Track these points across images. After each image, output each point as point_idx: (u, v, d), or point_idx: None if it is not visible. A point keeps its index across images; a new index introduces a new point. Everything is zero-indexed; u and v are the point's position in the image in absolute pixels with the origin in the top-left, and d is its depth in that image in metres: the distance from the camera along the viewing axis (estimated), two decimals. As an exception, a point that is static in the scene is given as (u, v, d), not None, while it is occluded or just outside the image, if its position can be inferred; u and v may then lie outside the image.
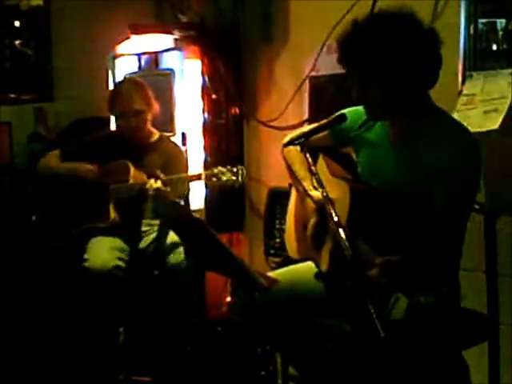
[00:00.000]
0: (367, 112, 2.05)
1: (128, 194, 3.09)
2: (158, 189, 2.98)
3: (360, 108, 2.12)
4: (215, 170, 3.04)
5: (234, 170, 3.03)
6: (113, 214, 3.14)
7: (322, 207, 2.01)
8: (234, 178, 3.02)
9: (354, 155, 2.24)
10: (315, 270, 2.23)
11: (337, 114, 2.15)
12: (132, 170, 3.14)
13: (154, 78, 3.66)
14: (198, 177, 3.10)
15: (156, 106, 3.26)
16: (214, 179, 3.04)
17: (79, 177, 3.19)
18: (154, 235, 3.23)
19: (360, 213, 2.03)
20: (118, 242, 3.14)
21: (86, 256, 3.05)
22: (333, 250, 2.07)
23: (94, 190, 3.17)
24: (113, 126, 3.60)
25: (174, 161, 3.26)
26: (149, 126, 3.27)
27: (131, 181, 3.12)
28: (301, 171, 2.23)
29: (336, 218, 1.85)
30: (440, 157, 1.92)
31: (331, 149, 2.26)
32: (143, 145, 3.28)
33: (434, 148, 1.94)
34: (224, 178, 3.02)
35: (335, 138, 2.23)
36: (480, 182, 1.99)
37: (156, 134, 3.34)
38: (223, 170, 3.03)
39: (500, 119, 2.61)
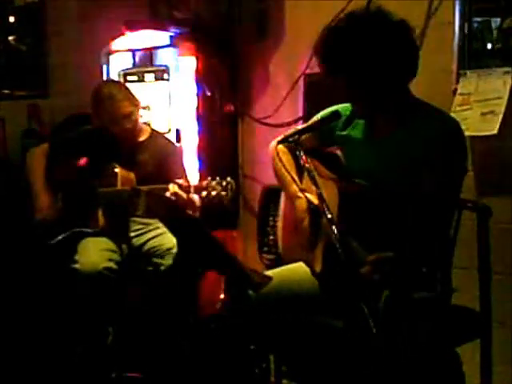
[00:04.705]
0: (354, 110, 2.10)
1: (117, 199, 3.02)
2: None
3: (342, 107, 2.17)
4: (204, 183, 2.87)
5: (224, 183, 2.84)
6: (101, 220, 3.07)
7: (315, 207, 2.03)
8: (223, 193, 2.83)
9: (340, 153, 2.26)
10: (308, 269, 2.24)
11: (331, 110, 2.18)
12: (119, 172, 3.07)
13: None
14: (187, 189, 2.94)
15: (140, 102, 3.18)
16: (204, 193, 2.86)
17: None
18: (149, 234, 3.21)
19: (349, 211, 2.05)
20: (109, 243, 3.09)
21: (76, 257, 3.01)
22: (326, 249, 2.08)
23: (81, 194, 3.11)
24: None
25: (168, 159, 3.19)
26: (139, 124, 3.20)
27: (119, 184, 3.04)
28: (290, 174, 2.18)
29: (330, 216, 1.86)
30: (425, 143, 1.96)
31: (318, 149, 2.27)
32: (134, 143, 3.19)
33: (418, 136, 1.98)
34: (213, 193, 2.84)
35: (321, 139, 2.27)
36: (466, 163, 2.05)
37: (147, 131, 3.26)
38: (213, 183, 2.85)
39: (498, 123, 2.62)
